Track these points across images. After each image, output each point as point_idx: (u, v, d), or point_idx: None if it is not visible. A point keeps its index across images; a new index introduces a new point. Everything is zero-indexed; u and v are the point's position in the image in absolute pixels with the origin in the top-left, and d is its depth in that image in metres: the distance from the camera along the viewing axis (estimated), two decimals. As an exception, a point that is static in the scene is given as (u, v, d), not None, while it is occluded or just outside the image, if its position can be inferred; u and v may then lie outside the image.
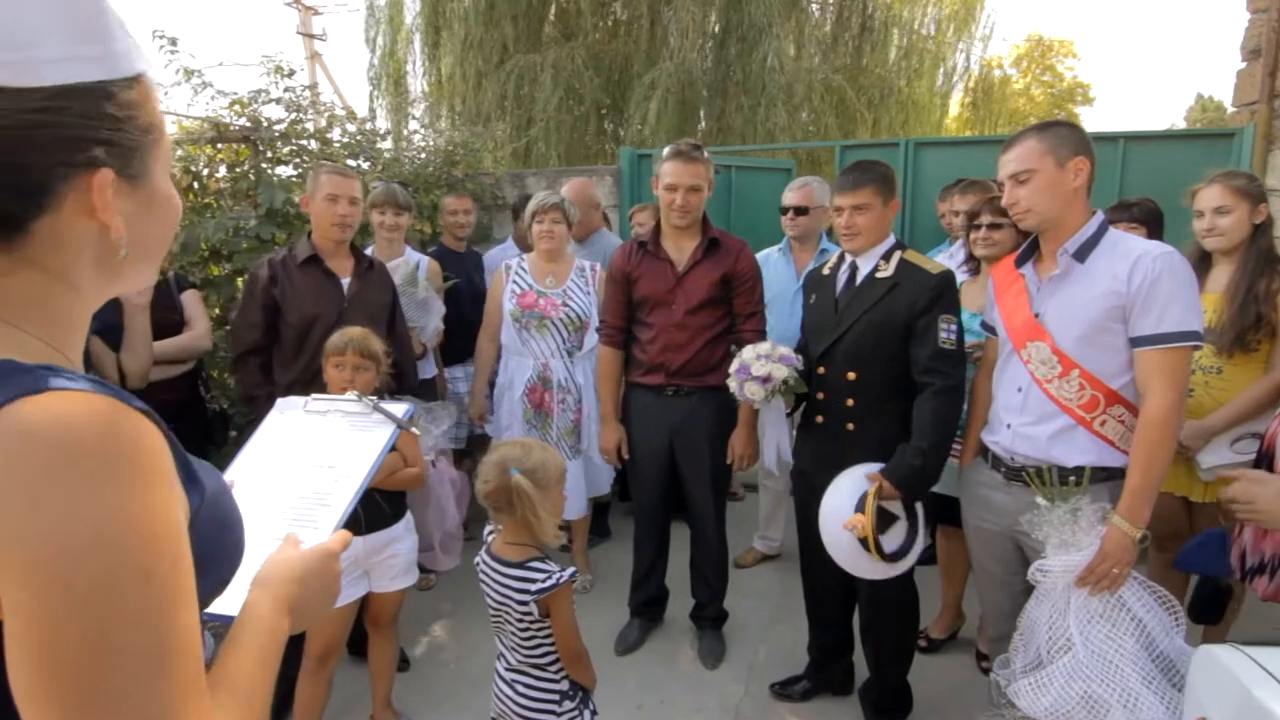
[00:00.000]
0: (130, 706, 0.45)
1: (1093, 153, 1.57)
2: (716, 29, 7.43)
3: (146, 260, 0.60)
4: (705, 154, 2.30)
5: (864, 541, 1.76)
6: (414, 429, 1.22)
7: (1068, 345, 1.56)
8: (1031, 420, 1.62)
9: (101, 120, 0.51)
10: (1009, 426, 1.67)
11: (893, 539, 1.81)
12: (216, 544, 0.58)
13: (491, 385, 2.93)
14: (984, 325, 1.90)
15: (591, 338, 2.80)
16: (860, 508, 1.78)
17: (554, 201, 2.70)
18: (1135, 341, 1.50)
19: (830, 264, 2.09)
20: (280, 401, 1.12)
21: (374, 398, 1.11)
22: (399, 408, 1.11)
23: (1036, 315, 1.62)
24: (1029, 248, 1.70)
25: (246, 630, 0.62)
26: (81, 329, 0.58)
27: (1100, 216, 1.59)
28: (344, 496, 0.88)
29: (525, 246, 3.12)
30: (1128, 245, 1.54)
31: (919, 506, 1.88)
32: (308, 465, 0.95)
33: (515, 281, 2.77)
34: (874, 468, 1.84)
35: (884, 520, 1.81)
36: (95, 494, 0.45)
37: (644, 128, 6.91)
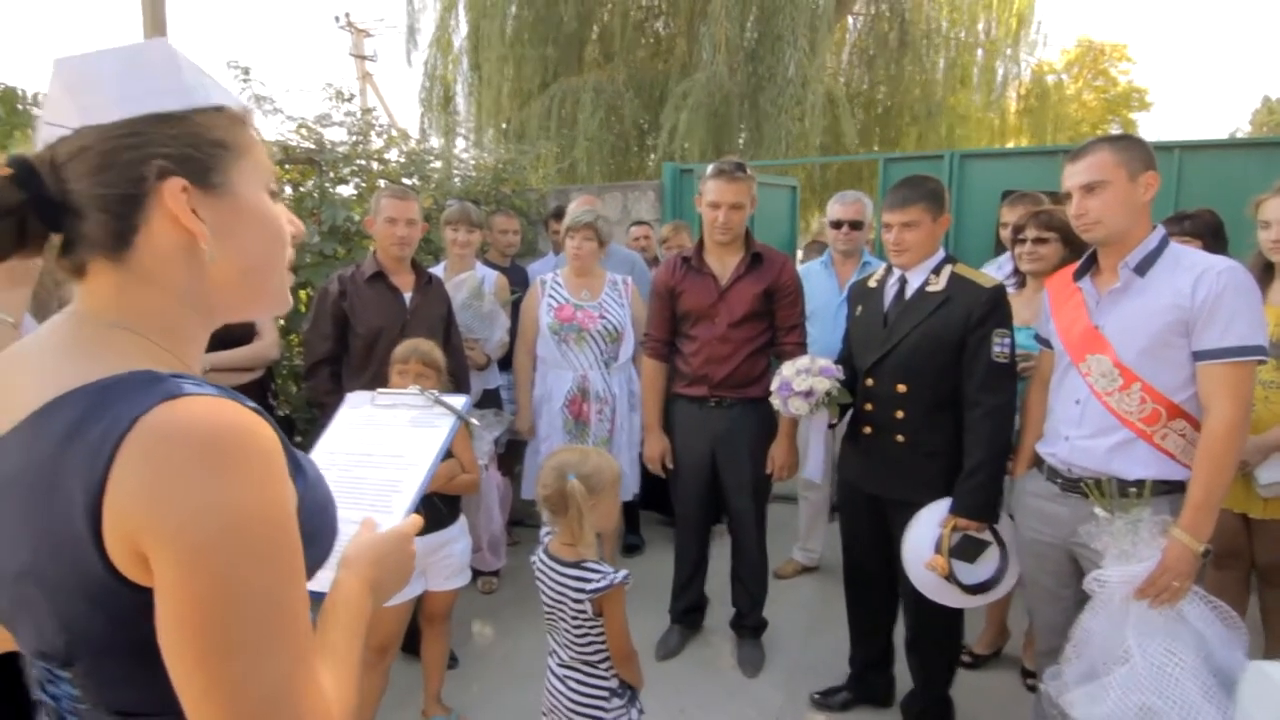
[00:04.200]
0: (257, 666, 0.52)
1: (1157, 168, 1.58)
2: (751, 42, 7.48)
3: (252, 274, 0.65)
4: (748, 172, 2.36)
5: (948, 578, 1.80)
6: (473, 420, 1.30)
7: (1130, 358, 1.55)
8: (1090, 433, 1.61)
9: (175, 140, 0.59)
10: (1067, 439, 1.66)
11: (985, 566, 1.84)
12: (317, 526, 0.65)
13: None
14: (1038, 338, 1.89)
15: (626, 349, 2.86)
16: (938, 548, 1.82)
17: (587, 220, 2.77)
18: (1199, 355, 1.49)
19: (877, 276, 2.10)
20: (351, 396, 1.19)
21: (434, 392, 1.16)
22: (457, 400, 1.16)
23: (1097, 328, 1.62)
24: (1087, 261, 1.70)
25: (339, 606, 0.69)
26: (197, 342, 0.65)
27: (1161, 231, 1.60)
28: (413, 483, 0.94)
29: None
30: (1191, 259, 1.55)
31: (1010, 530, 1.87)
32: (378, 454, 1.01)
33: (551, 296, 2.84)
34: (945, 505, 1.86)
35: (975, 549, 1.84)
36: (228, 486, 0.52)
37: (673, 140, 6.98)
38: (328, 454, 1.04)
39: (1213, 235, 2.30)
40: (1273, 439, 1.92)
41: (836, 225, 2.98)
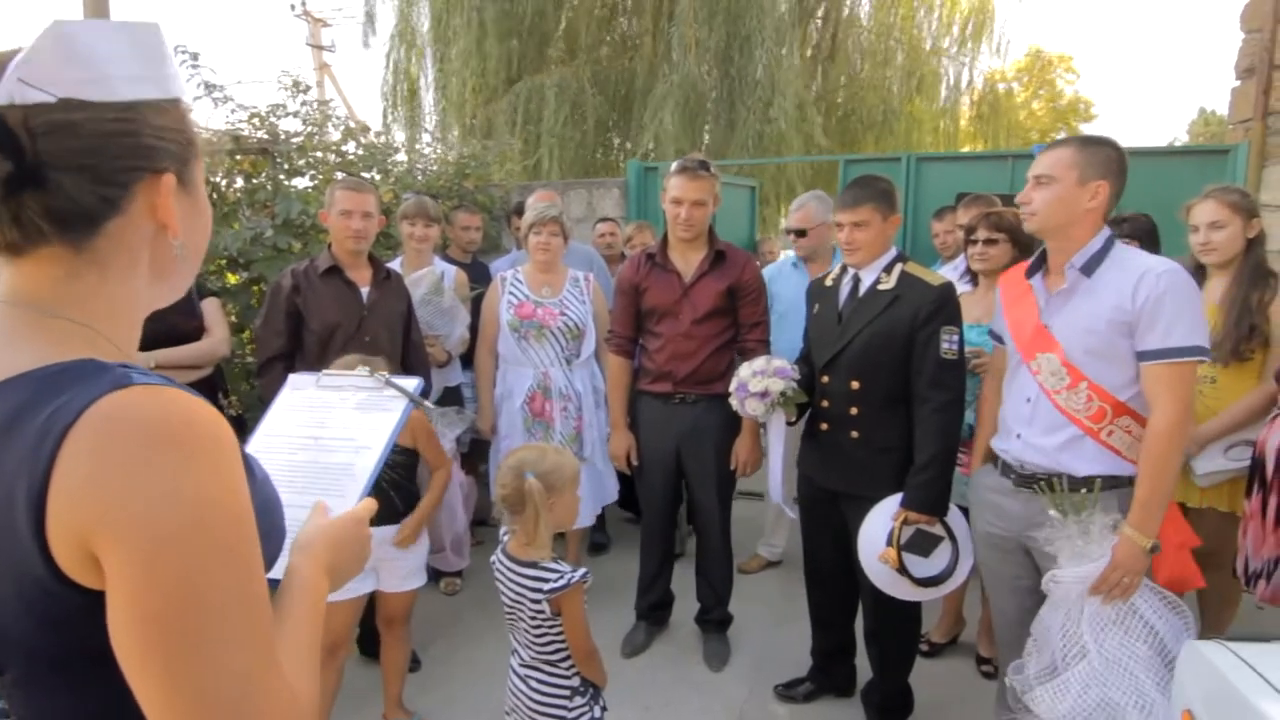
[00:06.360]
0: (223, 663, 0.50)
1: (1121, 176, 1.60)
2: (720, 43, 7.54)
3: (191, 265, 0.66)
4: (712, 170, 2.37)
5: (900, 571, 1.83)
6: (427, 404, 1.24)
7: (1077, 358, 1.58)
8: (1040, 431, 1.64)
9: (165, 131, 0.58)
10: (1019, 436, 1.69)
11: (937, 561, 1.87)
12: (265, 524, 0.62)
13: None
14: (992, 334, 1.93)
15: (588, 346, 2.84)
16: (890, 541, 1.84)
17: (552, 215, 2.74)
18: (1142, 356, 1.52)
19: (833, 275, 2.13)
20: (293, 378, 1.12)
21: (384, 374, 1.09)
22: (409, 382, 1.09)
23: (1046, 327, 1.64)
24: (1039, 259, 1.72)
25: (295, 593, 0.67)
26: (136, 329, 0.63)
27: (1107, 232, 1.63)
28: (366, 466, 0.90)
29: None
30: (1134, 261, 1.57)
31: (962, 525, 1.91)
32: (326, 438, 0.96)
33: (511, 293, 2.80)
34: (897, 499, 1.89)
35: (928, 543, 1.86)
36: (186, 477, 0.49)
37: (650, 142, 7.02)
38: (268, 437, 0.98)
39: (1148, 237, 2.41)
40: (1209, 432, 2.02)
41: (789, 233, 3.05)
